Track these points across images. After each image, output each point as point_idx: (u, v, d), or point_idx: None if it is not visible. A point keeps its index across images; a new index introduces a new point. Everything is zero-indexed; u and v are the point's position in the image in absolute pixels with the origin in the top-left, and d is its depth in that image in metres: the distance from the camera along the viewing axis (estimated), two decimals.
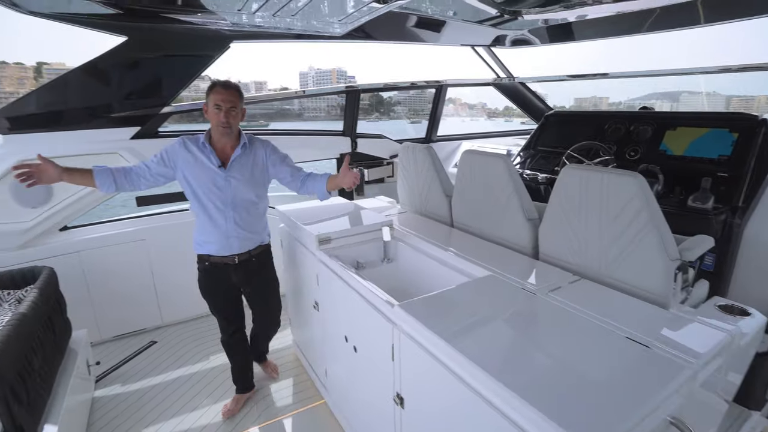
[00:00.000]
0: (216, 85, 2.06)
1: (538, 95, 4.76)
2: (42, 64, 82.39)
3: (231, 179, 2.13)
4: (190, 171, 2.10)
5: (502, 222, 2.18)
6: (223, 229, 2.17)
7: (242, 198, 2.18)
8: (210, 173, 2.11)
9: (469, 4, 2.97)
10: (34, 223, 2.85)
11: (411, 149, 2.75)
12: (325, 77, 53.55)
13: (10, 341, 1.69)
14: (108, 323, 3.21)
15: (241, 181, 2.15)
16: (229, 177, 2.13)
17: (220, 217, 2.16)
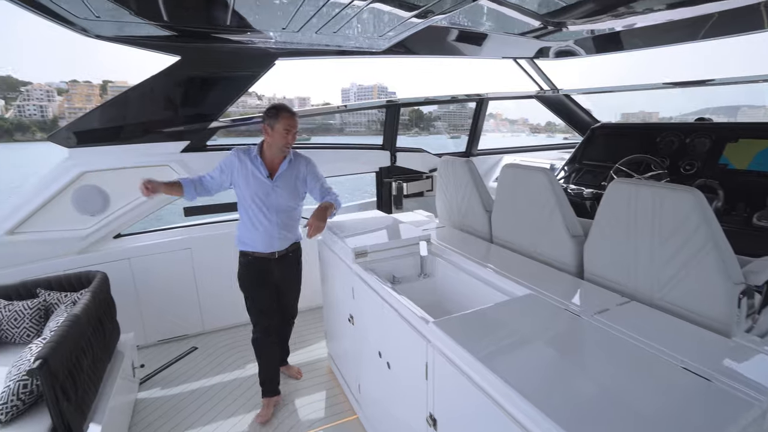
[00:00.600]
0: (284, 111, 2.36)
1: (583, 107, 4.60)
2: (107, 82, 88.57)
3: (277, 188, 2.42)
4: (242, 179, 2.39)
5: (544, 238, 2.09)
6: (268, 230, 2.44)
7: (284, 205, 2.46)
8: (259, 182, 2.39)
9: (511, 17, 2.93)
10: (92, 230, 3.04)
11: (450, 163, 2.71)
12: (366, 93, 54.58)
13: (62, 342, 1.79)
14: (153, 328, 3.35)
15: (284, 191, 2.44)
16: (275, 187, 2.41)
17: (265, 221, 2.43)
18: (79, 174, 2.93)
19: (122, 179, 3.07)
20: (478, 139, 4.73)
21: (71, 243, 3.00)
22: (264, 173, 2.39)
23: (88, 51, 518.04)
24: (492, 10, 2.78)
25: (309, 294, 3.76)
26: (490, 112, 4.63)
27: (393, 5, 2.27)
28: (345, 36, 2.87)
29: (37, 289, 2.50)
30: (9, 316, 2.37)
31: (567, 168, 3.80)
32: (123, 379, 2.47)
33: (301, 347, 3.31)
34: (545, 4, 2.72)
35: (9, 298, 2.47)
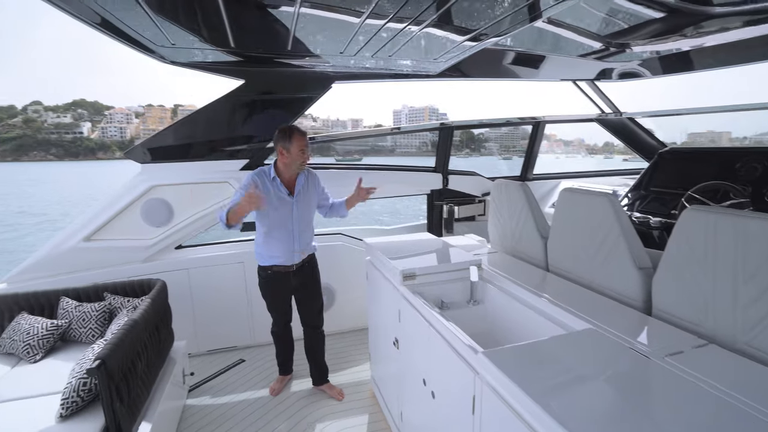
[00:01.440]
0: (296, 132, 2.52)
1: (648, 131, 4.32)
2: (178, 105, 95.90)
3: (298, 204, 2.61)
4: (266, 200, 2.49)
5: (607, 269, 1.93)
6: (289, 245, 2.63)
7: (305, 219, 2.67)
8: (282, 201, 2.57)
9: (571, 39, 2.84)
10: (156, 240, 3.23)
11: (504, 186, 2.63)
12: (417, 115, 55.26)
13: (120, 345, 1.88)
14: (205, 337, 3.47)
15: (304, 205, 2.65)
16: (296, 203, 2.60)
17: (287, 236, 2.61)
18: (149, 188, 3.15)
19: (186, 194, 3.26)
20: (534, 163, 4.57)
21: (137, 252, 3.21)
22: (285, 192, 2.57)
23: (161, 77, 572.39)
24: (550, 32, 2.72)
25: (355, 314, 3.75)
26: (544, 133, 4.48)
27: (447, 30, 2.28)
28: (400, 60, 2.92)
29: (104, 293, 2.68)
30: (78, 317, 2.54)
31: (631, 195, 3.56)
32: (173, 385, 2.55)
33: (345, 368, 3.27)
34: (607, 26, 2.62)
35: (80, 299, 2.66)
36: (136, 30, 2.18)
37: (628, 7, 2.35)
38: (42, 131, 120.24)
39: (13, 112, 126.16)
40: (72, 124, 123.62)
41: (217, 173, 3.31)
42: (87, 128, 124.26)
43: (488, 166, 4.22)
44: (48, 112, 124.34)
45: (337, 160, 17.20)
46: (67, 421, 1.84)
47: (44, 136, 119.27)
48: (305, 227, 2.69)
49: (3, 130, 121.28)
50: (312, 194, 2.71)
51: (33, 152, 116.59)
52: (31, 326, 2.45)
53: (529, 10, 2.00)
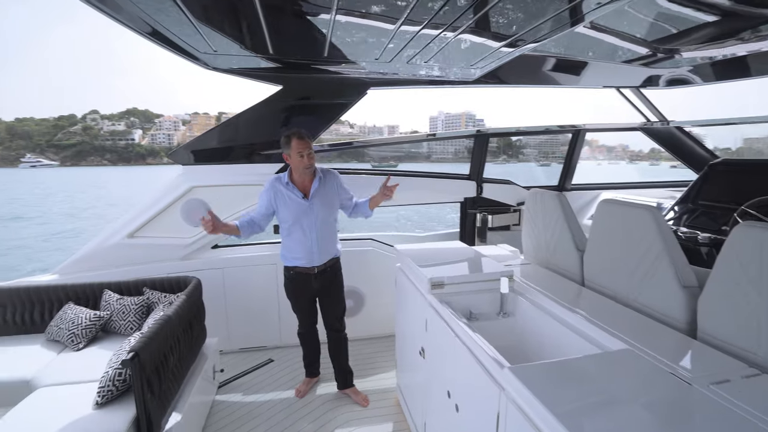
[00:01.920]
0: (294, 136, 2.53)
1: (697, 140, 4.07)
2: (222, 113, 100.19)
3: (313, 206, 2.62)
4: (281, 204, 2.61)
5: (648, 286, 1.82)
6: (308, 247, 2.66)
7: (322, 220, 2.66)
8: (297, 204, 2.61)
9: (615, 45, 2.73)
10: (193, 239, 3.35)
11: (539, 195, 2.54)
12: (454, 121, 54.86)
13: (153, 338, 1.96)
14: (237, 335, 3.55)
15: (320, 207, 2.64)
16: (311, 205, 2.62)
17: (306, 238, 2.65)
18: (189, 188, 3.27)
19: (224, 195, 3.37)
20: (573, 172, 4.40)
21: (176, 250, 3.34)
22: (299, 195, 2.60)
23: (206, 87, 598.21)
24: (592, 38, 2.62)
25: (383, 320, 3.73)
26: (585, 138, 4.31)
27: (483, 36, 2.24)
28: (435, 66, 2.90)
29: (143, 288, 2.80)
30: (119, 309, 2.67)
31: (678, 208, 3.35)
32: (204, 380, 2.62)
33: (371, 374, 3.25)
34: (655, 31, 2.50)
35: (121, 293, 2.80)
36: (182, 38, 2.28)
37: (678, 11, 2.23)
38: (98, 138, 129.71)
39: (73, 120, 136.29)
40: (125, 132, 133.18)
41: (253, 176, 3.39)
42: (138, 135, 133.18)
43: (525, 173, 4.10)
44: (104, 121, 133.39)
45: (372, 167, 17.21)
46: (103, 409, 1.92)
47: (100, 142, 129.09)
48: (325, 230, 2.69)
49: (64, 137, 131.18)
50: (330, 195, 2.69)
51: (90, 157, 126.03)
52: (76, 316, 2.59)
53: (570, 14, 1.93)
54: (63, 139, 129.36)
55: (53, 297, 2.76)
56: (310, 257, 2.67)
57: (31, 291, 2.73)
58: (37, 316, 2.73)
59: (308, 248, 2.66)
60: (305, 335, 3.00)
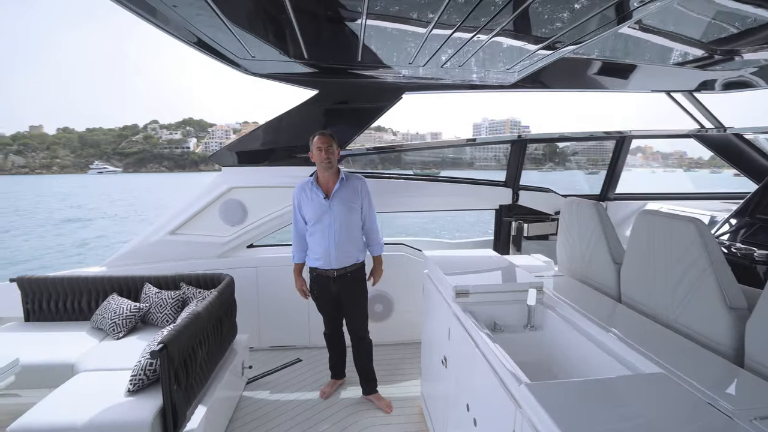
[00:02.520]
0: (316, 134, 2.66)
1: (759, 148, 3.73)
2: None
3: (333, 207, 2.66)
4: (306, 205, 2.71)
5: (690, 306, 1.68)
6: (326, 247, 2.69)
7: (340, 222, 2.67)
8: (318, 204, 2.67)
9: (666, 46, 2.56)
10: (230, 238, 3.47)
11: (575, 204, 2.42)
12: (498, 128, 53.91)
13: (182, 332, 2.03)
14: (268, 333, 3.63)
15: (339, 208, 2.67)
16: (331, 205, 2.66)
17: (324, 238, 2.68)
18: (227, 189, 3.40)
19: (260, 196, 3.47)
20: (617, 181, 4.17)
21: (213, 248, 3.47)
22: (321, 195, 2.67)
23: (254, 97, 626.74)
24: (641, 39, 2.47)
25: (411, 327, 3.69)
26: (637, 145, 4.09)
27: (518, 38, 2.17)
28: (471, 70, 2.85)
29: (180, 283, 2.93)
30: (157, 302, 2.80)
31: (734, 221, 3.08)
32: (232, 375, 2.70)
33: (396, 381, 3.22)
34: (712, 31, 2.32)
35: (160, 287, 2.94)
36: (223, 45, 2.38)
37: (739, 9, 2.06)
38: (157, 146, 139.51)
39: (135, 130, 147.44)
40: (181, 140, 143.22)
41: (288, 178, 3.47)
42: (193, 143, 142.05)
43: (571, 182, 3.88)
44: (163, 130, 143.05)
45: (414, 173, 17.15)
46: (133, 396, 2.02)
47: (159, 150, 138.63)
48: (344, 232, 2.69)
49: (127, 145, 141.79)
50: (352, 198, 2.71)
51: (150, 164, 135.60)
52: (118, 306, 2.75)
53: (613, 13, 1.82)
54: (126, 148, 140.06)
55: (99, 288, 2.94)
56: (327, 258, 2.70)
57: (80, 281, 2.93)
58: (85, 304, 2.92)
59: (325, 249, 2.69)
60: (330, 336, 3.02)
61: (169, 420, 1.92)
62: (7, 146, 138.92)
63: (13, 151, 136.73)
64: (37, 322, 2.91)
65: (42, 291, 2.92)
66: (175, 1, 1.78)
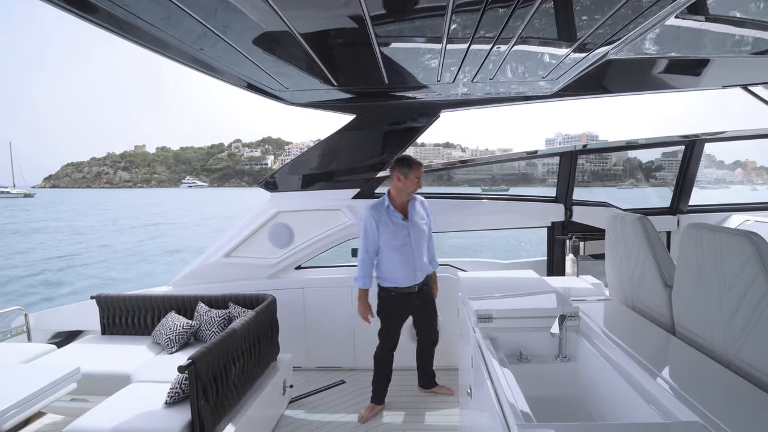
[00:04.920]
0: (416, 163, 2.78)
1: None
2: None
3: (413, 226, 2.81)
4: (384, 228, 2.78)
5: (750, 339, 1.40)
6: (411, 266, 2.81)
7: (421, 241, 2.85)
8: (399, 226, 2.79)
9: (734, 34, 2.25)
10: (278, 260, 3.63)
11: (619, 220, 2.18)
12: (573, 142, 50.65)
13: (213, 349, 2.15)
14: (315, 354, 3.70)
15: (418, 228, 2.84)
16: (411, 225, 2.81)
17: (408, 259, 2.80)
18: (275, 213, 3.58)
19: (306, 219, 3.61)
20: (689, 191, 3.67)
21: (263, 269, 3.65)
22: (399, 216, 2.79)
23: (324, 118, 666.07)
24: (701, 30, 2.20)
25: (451, 351, 3.49)
26: (737, 159, 3.59)
27: (540, 44, 2.05)
28: (504, 82, 2.74)
29: (229, 302, 3.12)
30: (206, 320, 3.00)
31: None
32: (272, 393, 2.77)
33: (435, 407, 3.07)
34: None
35: (211, 305, 3.15)
36: (261, 82, 2.58)
37: None
38: (239, 163, 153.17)
39: (221, 148, 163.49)
40: (260, 157, 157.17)
41: (332, 201, 3.58)
42: (271, 160, 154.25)
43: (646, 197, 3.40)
44: (245, 148, 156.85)
45: (483, 190, 16.75)
46: (169, 408, 2.16)
47: (241, 167, 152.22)
48: (423, 249, 2.87)
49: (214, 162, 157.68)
50: (424, 217, 2.91)
51: (232, 180, 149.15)
52: (173, 323, 2.99)
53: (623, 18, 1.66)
54: (213, 164, 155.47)
55: (161, 306, 3.23)
56: (413, 276, 2.83)
57: (147, 299, 3.25)
58: (149, 321, 3.23)
59: (411, 267, 2.81)
60: (383, 360, 3.03)
61: None
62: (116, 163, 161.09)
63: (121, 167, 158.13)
64: (111, 335, 3.27)
65: (116, 308, 3.28)
66: (201, 44, 1.96)
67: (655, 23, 1.88)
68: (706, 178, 47.61)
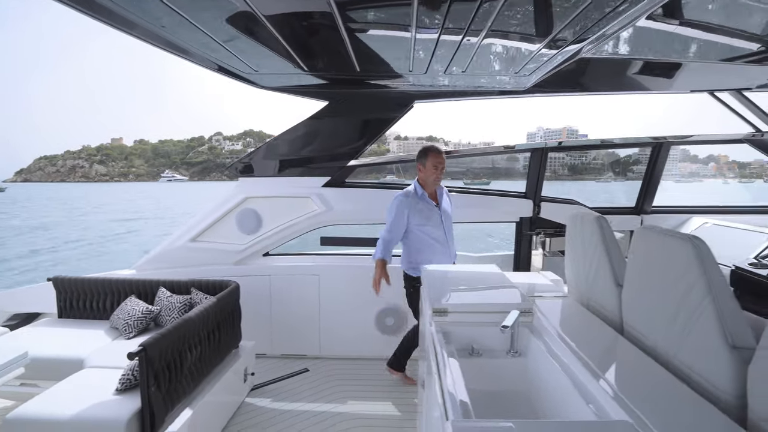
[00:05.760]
0: (432, 150, 2.86)
1: None
2: None
3: (443, 212, 2.94)
4: (416, 213, 2.86)
5: (688, 341, 1.44)
6: (446, 251, 2.92)
7: (450, 225, 2.99)
8: (432, 211, 2.90)
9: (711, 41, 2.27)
10: (245, 246, 3.58)
11: (579, 219, 2.21)
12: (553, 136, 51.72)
13: (166, 336, 2.11)
14: (279, 341, 3.68)
15: (447, 215, 2.96)
16: (441, 211, 2.93)
17: (443, 244, 2.91)
18: (243, 198, 3.52)
19: (274, 206, 3.56)
20: (654, 191, 3.76)
21: (230, 255, 3.59)
22: (432, 203, 2.91)
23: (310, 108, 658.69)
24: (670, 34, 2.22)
25: None
26: (710, 153, 3.68)
27: (511, 39, 2.04)
28: (477, 76, 2.73)
29: (191, 288, 3.06)
30: (167, 305, 2.95)
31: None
32: (232, 381, 2.75)
33: (396, 397, 3.11)
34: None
35: (173, 291, 3.09)
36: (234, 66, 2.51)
37: None
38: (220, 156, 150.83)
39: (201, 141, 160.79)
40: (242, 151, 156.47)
41: (301, 188, 3.53)
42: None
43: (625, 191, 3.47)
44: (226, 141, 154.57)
45: (465, 183, 16.81)
46: (120, 395, 2.12)
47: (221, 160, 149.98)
48: (452, 235, 3.00)
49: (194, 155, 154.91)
50: (449, 204, 3.04)
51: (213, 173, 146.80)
52: (132, 308, 2.92)
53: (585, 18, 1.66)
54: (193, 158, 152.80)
55: (122, 290, 3.15)
56: (449, 259, 2.93)
57: (107, 283, 3.16)
58: (108, 305, 3.14)
59: (446, 252, 2.92)
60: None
61: (146, 421, 1.99)
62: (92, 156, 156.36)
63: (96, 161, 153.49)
64: (68, 319, 3.17)
65: (74, 290, 3.18)
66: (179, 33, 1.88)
67: (625, 23, 1.88)
68: (681, 171, 48.90)
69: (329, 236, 3.71)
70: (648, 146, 3.62)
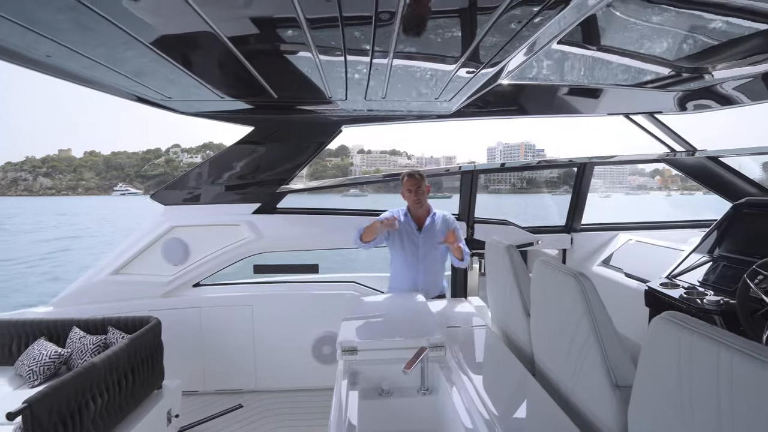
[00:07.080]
0: (405, 176, 2.85)
1: (737, 172, 3.44)
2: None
3: (425, 240, 2.83)
4: (397, 235, 2.85)
5: (579, 379, 1.46)
6: (414, 277, 2.84)
7: (431, 257, 2.84)
8: (410, 234, 2.85)
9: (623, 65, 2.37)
10: (173, 277, 3.41)
11: (494, 247, 2.24)
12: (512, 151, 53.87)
13: (59, 390, 1.94)
14: (212, 377, 3.51)
15: (428, 242, 2.83)
16: (423, 238, 2.83)
17: (413, 271, 2.83)
18: (169, 228, 3.36)
19: (202, 234, 3.42)
20: (582, 210, 3.90)
21: (157, 287, 3.41)
22: (414, 226, 2.86)
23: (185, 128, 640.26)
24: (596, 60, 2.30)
25: None
26: (655, 168, 3.84)
27: (422, 61, 2.03)
28: (398, 101, 2.74)
29: (108, 327, 2.86)
30: (79, 348, 2.74)
31: (695, 259, 2.78)
32: (151, 426, 2.57)
33: None
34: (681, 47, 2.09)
35: (87, 330, 2.87)
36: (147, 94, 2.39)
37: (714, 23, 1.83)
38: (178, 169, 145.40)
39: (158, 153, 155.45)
40: None
41: (230, 216, 3.42)
42: None
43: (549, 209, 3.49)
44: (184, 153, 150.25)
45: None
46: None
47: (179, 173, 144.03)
48: (432, 266, 2.88)
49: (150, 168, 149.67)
50: (438, 235, 2.86)
51: None
52: (39, 352, 2.70)
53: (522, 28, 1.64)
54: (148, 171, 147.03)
55: (29, 331, 2.90)
56: (413, 287, 2.83)
57: (9, 325, 2.91)
58: (14, 348, 2.89)
59: (413, 279, 2.84)
60: None
61: None
62: (36, 168, 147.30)
63: (42, 173, 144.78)
64: None
65: None
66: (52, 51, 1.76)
67: (537, 50, 1.92)
68: (631, 184, 51.69)
69: (262, 264, 3.61)
70: (572, 167, 3.76)
